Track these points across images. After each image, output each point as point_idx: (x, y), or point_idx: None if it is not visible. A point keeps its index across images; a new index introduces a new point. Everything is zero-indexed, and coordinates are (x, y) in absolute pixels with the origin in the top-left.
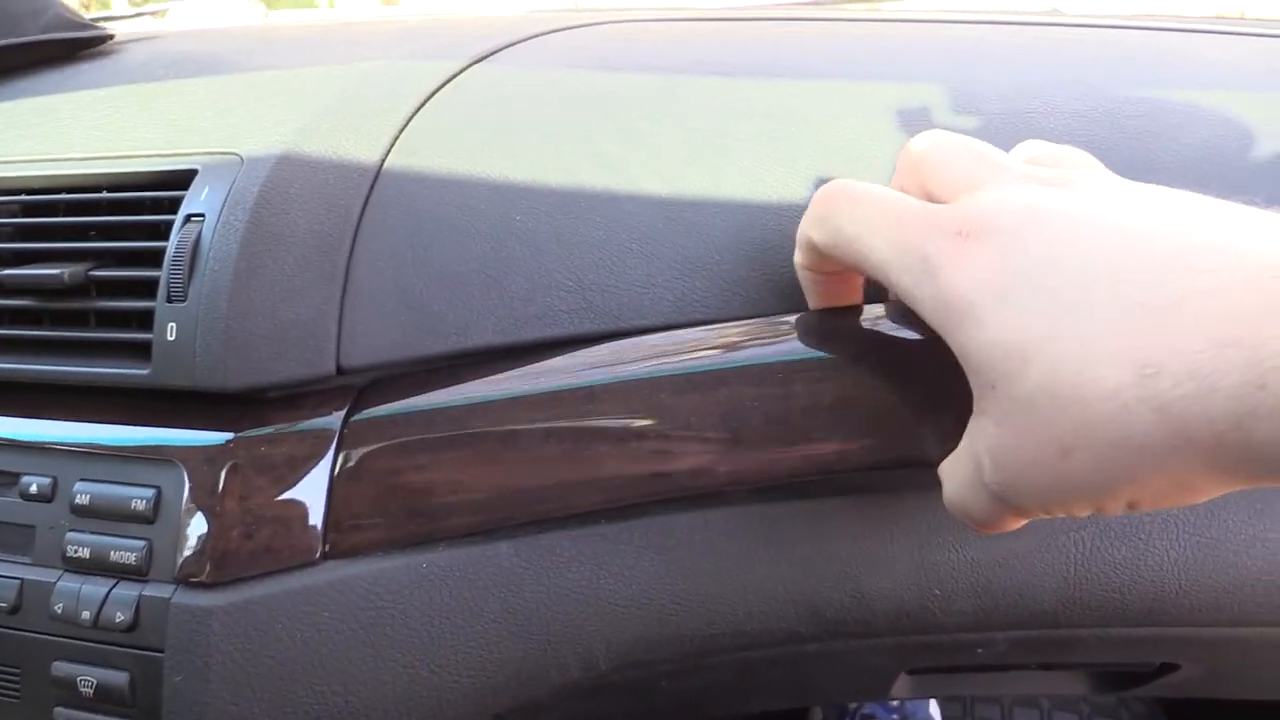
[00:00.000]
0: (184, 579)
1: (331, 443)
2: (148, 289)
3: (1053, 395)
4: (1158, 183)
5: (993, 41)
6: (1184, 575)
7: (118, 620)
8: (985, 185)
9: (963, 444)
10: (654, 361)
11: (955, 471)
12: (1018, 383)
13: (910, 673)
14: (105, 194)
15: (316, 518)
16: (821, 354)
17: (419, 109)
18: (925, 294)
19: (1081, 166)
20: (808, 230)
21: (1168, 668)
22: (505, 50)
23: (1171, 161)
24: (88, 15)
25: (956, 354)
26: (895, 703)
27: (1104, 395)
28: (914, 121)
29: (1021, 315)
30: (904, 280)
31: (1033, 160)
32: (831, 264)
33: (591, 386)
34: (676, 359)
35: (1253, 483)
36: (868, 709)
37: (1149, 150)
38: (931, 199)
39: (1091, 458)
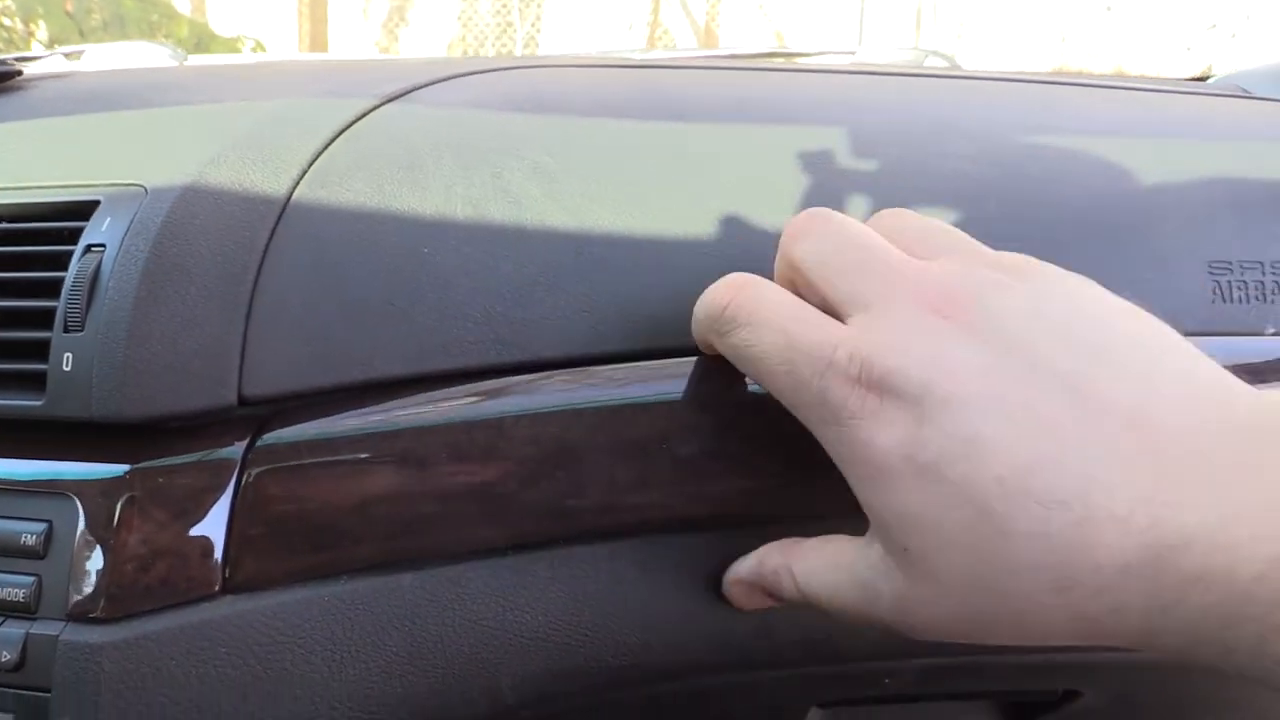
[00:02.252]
0: (75, 615)
1: (232, 473)
2: (45, 320)
3: (970, 583)
4: (1045, 222)
5: (893, 90)
6: None
7: (3, 659)
8: (874, 311)
9: (850, 558)
10: (566, 395)
11: (838, 586)
12: (933, 560)
13: (821, 706)
14: (3, 224)
15: (216, 550)
16: (733, 395)
17: (329, 143)
18: (830, 441)
19: (952, 250)
20: (710, 337)
21: (1070, 695)
22: (418, 90)
23: (1056, 201)
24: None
25: (863, 505)
26: None
27: (1021, 595)
28: (816, 163)
29: (936, 499)
30: (807, 419)
31: (899, 233)
32: None
33: (501, 418)
34: (588, 393)
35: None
36: None
37: (1036, 191)
38: (820, 303)
39: (1004, 633)
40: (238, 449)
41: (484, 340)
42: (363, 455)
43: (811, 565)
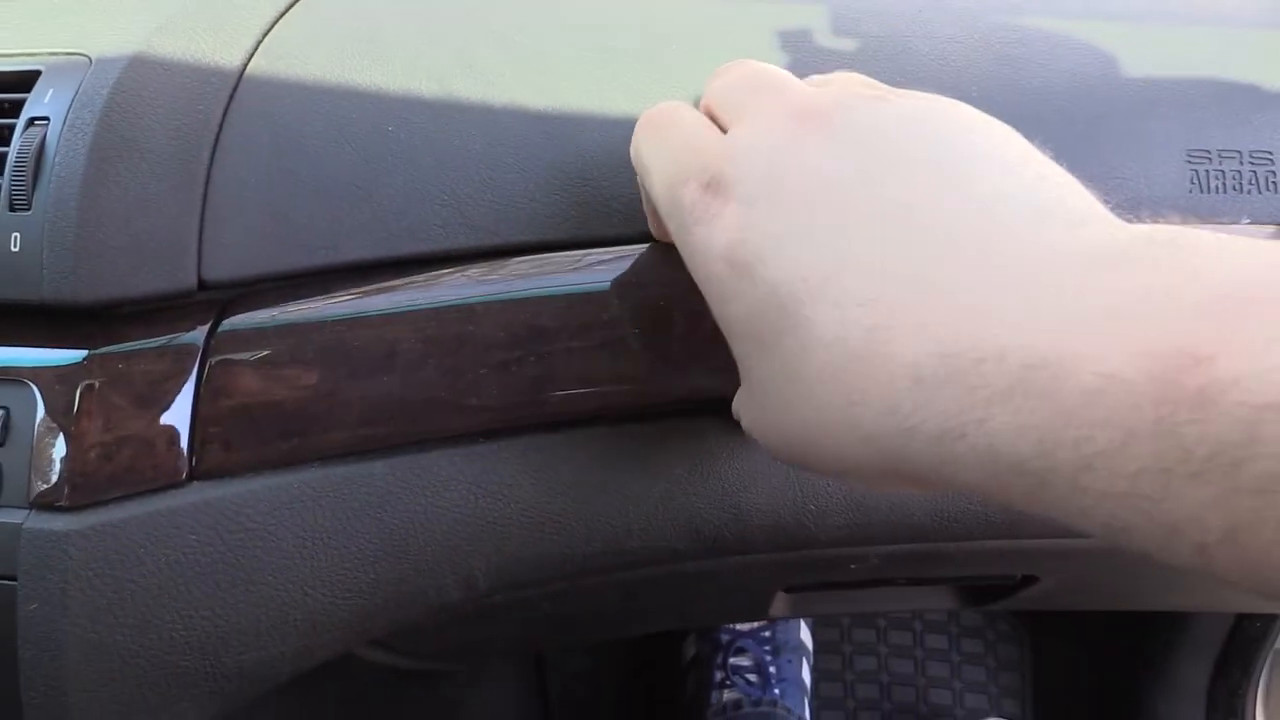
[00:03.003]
0: (39, 504)
1: (195, 359)
2: None
3: (778, 394)
4: (1026, 107)
5: None
6: None
7: None
8: (745, 119)
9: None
10: (537, 280)
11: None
12: (753, 368)
13: (787, 591)
14: None
15: (181, 437)
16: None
17: (285, 11)
18: (682, 248)
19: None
20: (631, 150)
21: (1028, 580)
22: None
23: (1039, 86)
24: None
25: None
26: (766, 633)
27: (818, 410)
28: (793, 41)
29: (750, 303)
30: (672, 232)
31: (821, 82)
32: None
33: (472, 304)
34: (560, 279)
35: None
36: (741, 641)
37: (1019, 75)
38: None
39: (815, 456)
40: (199, 334)
41: (451, 224)
42: (329, 341)
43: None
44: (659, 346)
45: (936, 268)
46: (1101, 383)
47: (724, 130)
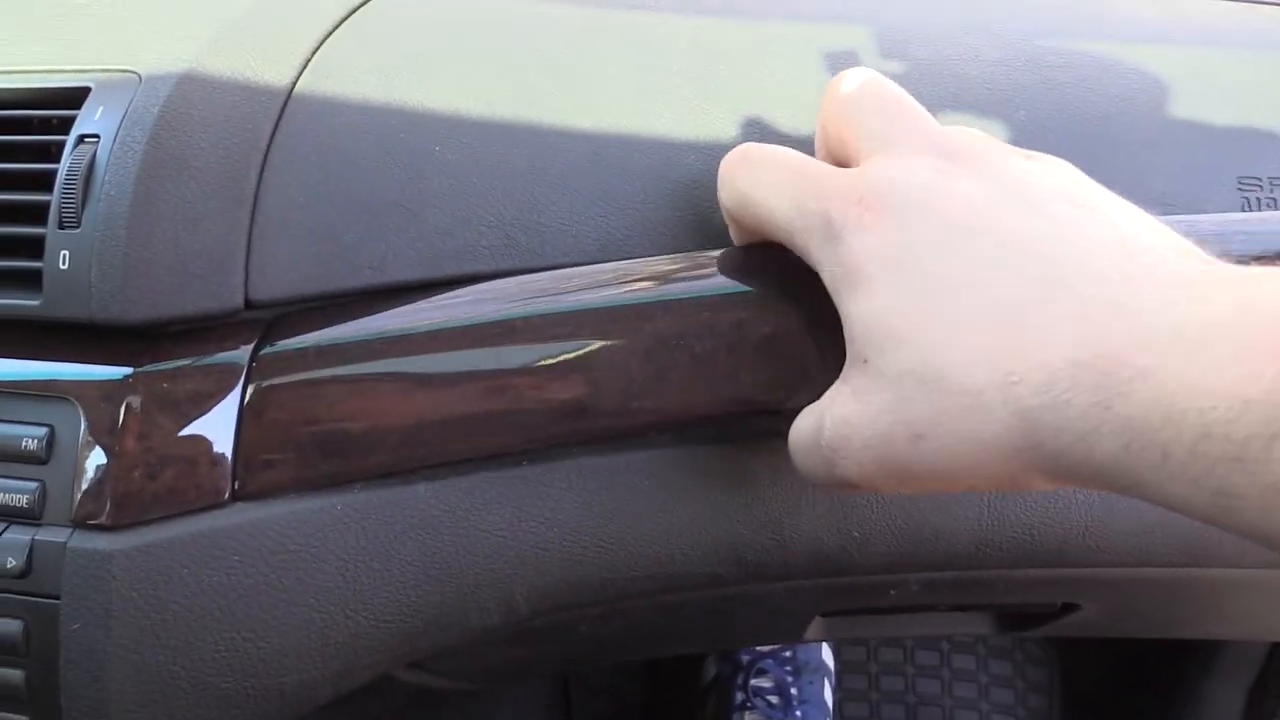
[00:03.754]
0: (81, 522)
1: (239, 378)
2: (38, 215)
3: (920, 380)
4: (1073, 132)
5: None
6: (1091, 517)
7: (9, 565)
8: (893, 151)
9: (817, 402)
10: (576, 295)
11: (801, 424)
12: (888, 360)
13: (824, 615)
14: None
15: (224, 457)
16: (749, 289)
17: (334, 30)
18: (826, 258)
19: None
20: (718, 192)
21: (1069, 608)
22: None
23: (1089, 111)
24: None
25: (843, 321)
26: (787, 653)
27: (967, 390)
28: (841, 63)
29: (906, 296)
30: (807, 242)
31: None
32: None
33: (511, 320)
34: (600, 292)
35: (1083, 485)
36: (761, 662)
37: (1067, 99)
38: (841, 153)
39: (940, 446)
40: (244, 354)
41: (497, 245)
42: (373, 361)
43: (796, 421)
44: (706, 358)
45: (1088, 283)
46: (1228, 358)
47: (850, 152)
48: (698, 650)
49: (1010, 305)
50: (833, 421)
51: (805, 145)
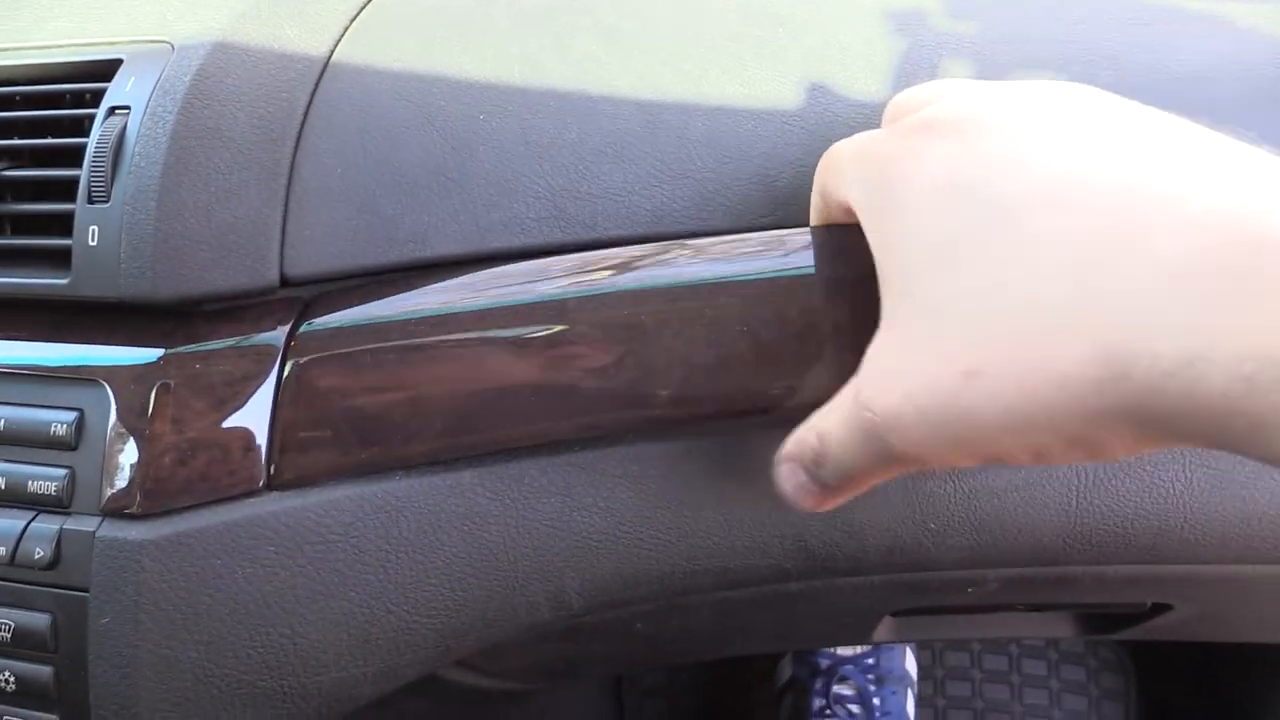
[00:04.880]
0: (110, 510)
1: (275, 360)
2: (68, 191)
3: (976, 305)
4: (1165, 93)
5: None
6: (1190, 509)
7: (36, 556)
8: (950, 93)
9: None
10: (633, 273)
11: (829, 407)
12: (938, 287)
13: (893, 615)
14: (20, 88)
15: (259, 443)
16: (819, 272)
17: None
18: (868, 192)
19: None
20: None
21: (1159, 608)
22: None
23: (1179, 71)
24: None
25: (877, 260)
26: (870, 660)
27: (1034, 309)
28: (910, 25)
29: (966, 213)
30: (858, 192)
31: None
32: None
33: (564, 300)
34: (658, 271)
35: (1178, 441)
36: (843, 668)
37: (1155, 59)
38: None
39: (998, 386)
40: (280, 334)
41: (546, 217)
42: (415, 342)
43: (827, 411)
44: (770, 343)
45: (1178, 180)
46: None
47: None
48: (757, 651)
49: (1087, 209)
50: (869, 375)
51: (863, 107)
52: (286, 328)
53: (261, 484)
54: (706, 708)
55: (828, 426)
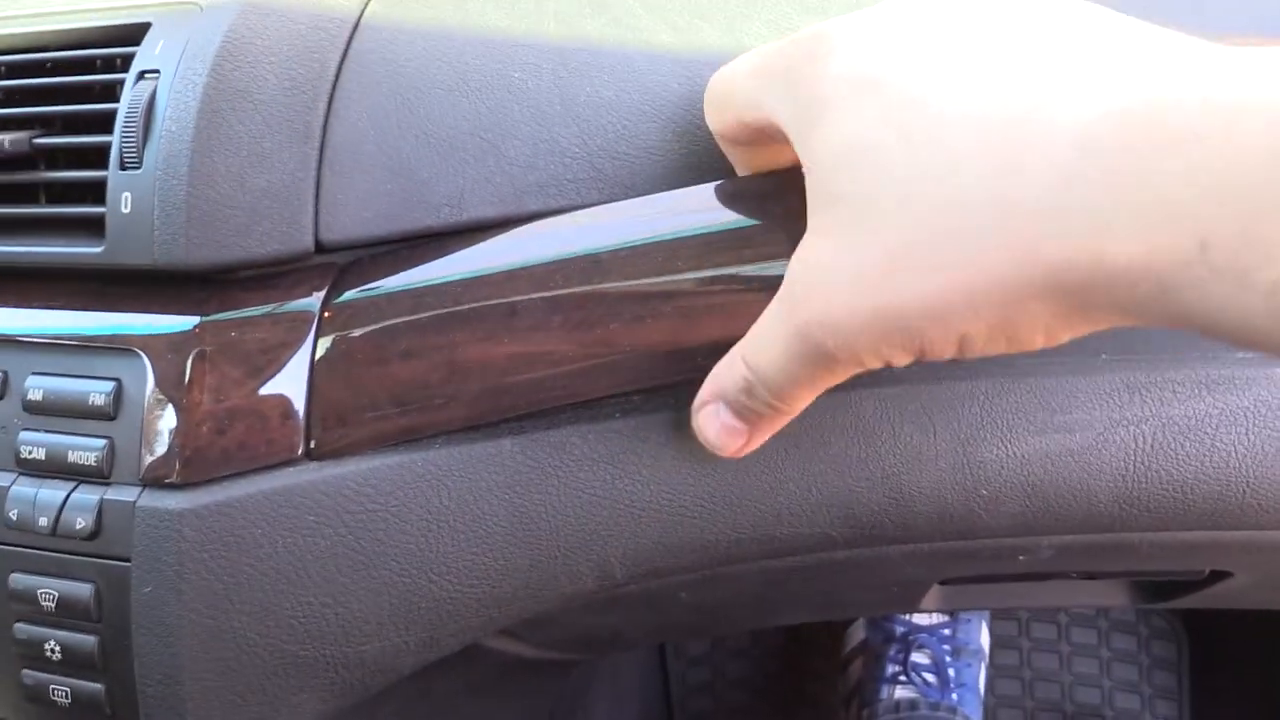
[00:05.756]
0: (150, 480)
1: (310, 327)
2: (100, 158)
3: (901, 193)
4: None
5: None
6: (1253, 473)
7: (78, 527)
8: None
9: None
10: (668, 221)
11: (751, 334)
12: (859, 183)
13: (942, 584)
14: (49, 54)
15: (296, 411)
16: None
17: None
18: (786, 104)
19: None
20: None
21: (1217, 575)
22: None
23: None
24: None
25: (806, 170)
26: (946, 631)
27: (961, 197)
28: None
29: (880, 108)
30: (774, 102)
31: None
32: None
33: (598, 253)
34: (694, 217)
35: (1086, 321)
36: (918, 636)
37: None
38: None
39: (924, 277)
40: (315, 301)
41: (584, 178)
42: (448, 305)
43: (751, 337)
44: None
45: (1097, 39)
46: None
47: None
48: (802, 620)
49: (997, 87)
50: (798, 281)
51: None
52: (322, 294)
53: (300, 452)
54: (752, 676)
55: (754, 349)
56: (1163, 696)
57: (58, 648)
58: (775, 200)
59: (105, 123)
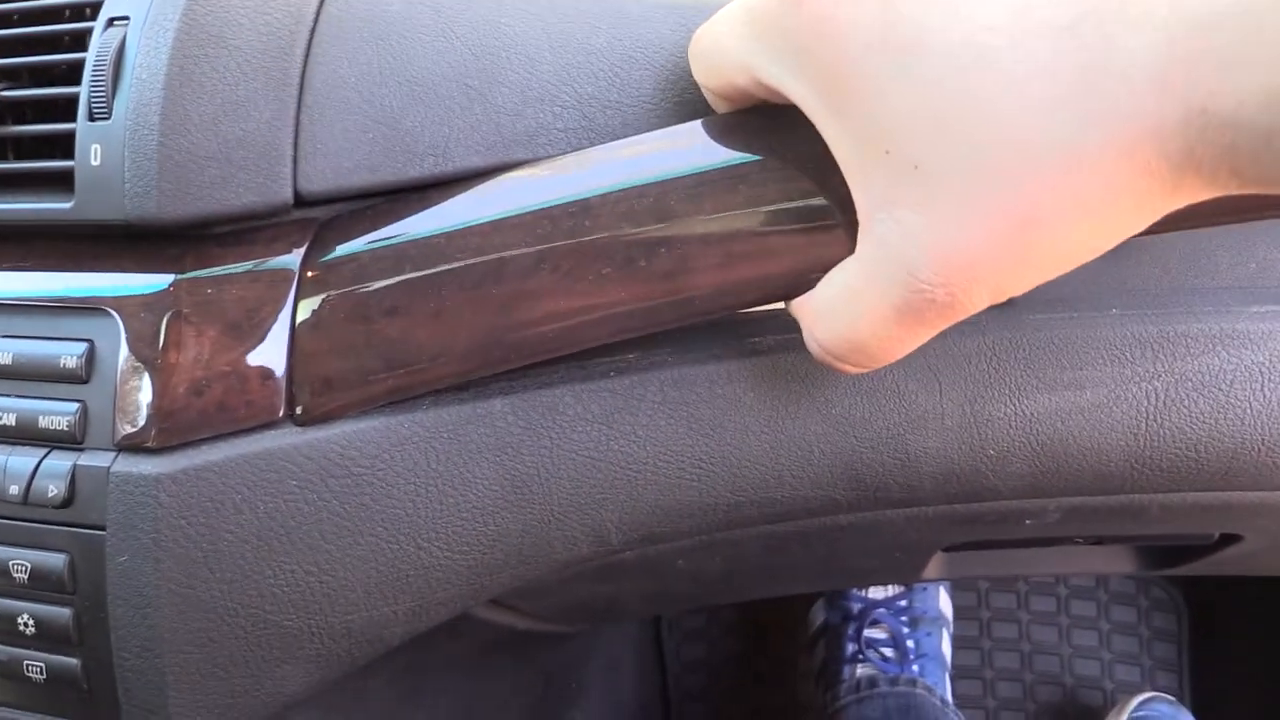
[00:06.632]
0: (125, 445)
1: (291, 284)
2: (69, 109)
3: (997, 155)
4: None
5: None
6: (1269, 430)
7: (50, 494)
8: None
9: (859, 261)
10: (658, 159)
11: (855, 296)
12: (949, 151)
13: (946, 550)
14: (15, 3)
15: (277, 372)
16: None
17: None
18: (800, 82)
19: None
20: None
21: (1228, 539)
22: None
23: None
24: None
25: (839, 146)
26: (903, 602)
27: (1025, 117)
28: None
29: (934, 76)
30: (780, 70)
31: None
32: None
33: (586, 199)
34: (683, 156)
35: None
36: (874, 611)
37: None
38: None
39: (1055, 228)
40: (295, 257)
41: (574, 127)
42: (433, 258)
43: (827, 299)
44: (810, 229)
45: None
46: None
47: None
48: (804, 590)
49: (1050, 46)
50: (926, 254)
51: None
52: (302, 250)
53: (281, 414)
54: (746, 652)
55: (857, 313)
56: (1163, 668)
57: (31, 621)
58: (774, 135)
59: (74, 74)
